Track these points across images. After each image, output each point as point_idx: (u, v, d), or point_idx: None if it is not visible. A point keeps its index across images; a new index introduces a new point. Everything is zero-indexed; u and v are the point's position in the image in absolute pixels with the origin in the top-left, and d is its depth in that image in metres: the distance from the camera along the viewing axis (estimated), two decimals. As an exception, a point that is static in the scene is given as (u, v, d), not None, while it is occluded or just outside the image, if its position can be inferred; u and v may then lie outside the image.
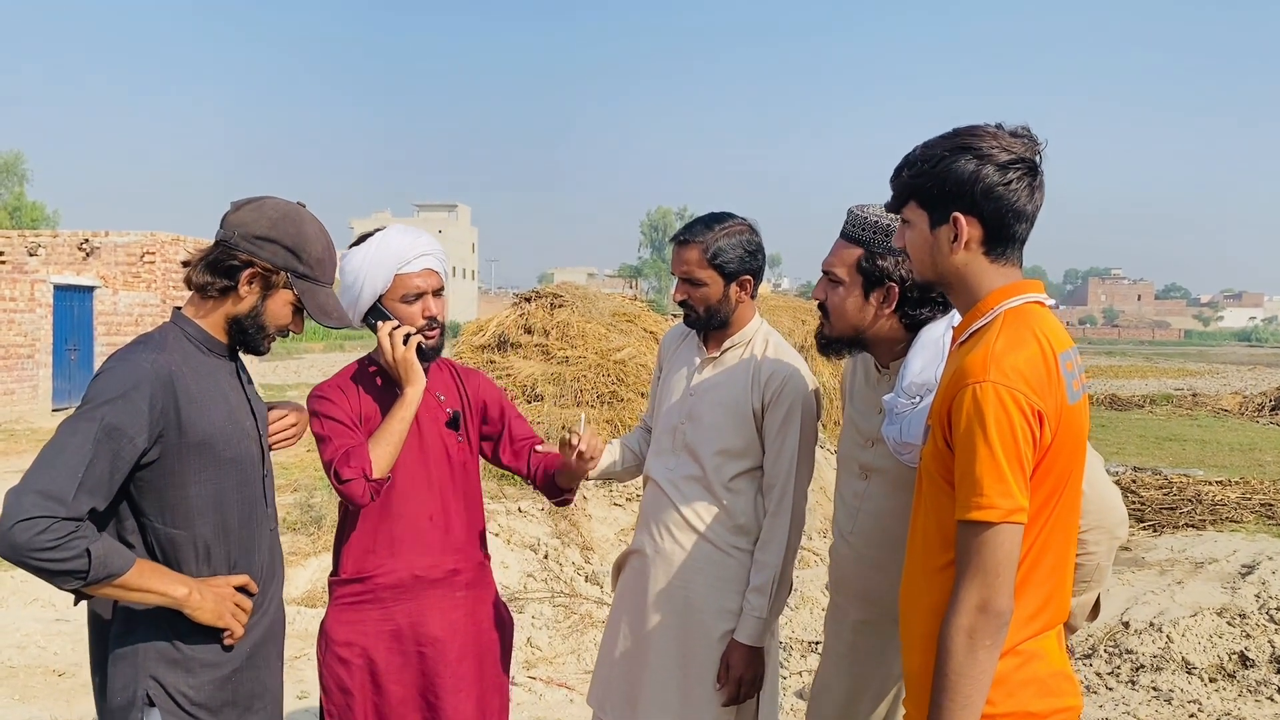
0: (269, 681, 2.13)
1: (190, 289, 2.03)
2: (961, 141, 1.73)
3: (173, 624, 1.94)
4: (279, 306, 2.05)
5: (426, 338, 2.43)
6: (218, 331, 2.05)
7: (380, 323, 2.41)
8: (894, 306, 2.27)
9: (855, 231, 2.29)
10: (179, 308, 2.07)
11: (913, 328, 2.27)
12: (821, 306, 2.37)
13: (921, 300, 2.25)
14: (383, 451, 2.31)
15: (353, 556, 2.44)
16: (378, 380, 2.49)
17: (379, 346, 2.42)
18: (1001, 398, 1.60)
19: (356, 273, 2.42)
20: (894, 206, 1.85)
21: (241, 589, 2.02)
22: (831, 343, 2.38)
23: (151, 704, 1.91)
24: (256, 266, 1.99)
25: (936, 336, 2.17)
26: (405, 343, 2.38)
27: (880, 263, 2.25)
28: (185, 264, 2.05)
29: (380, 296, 2.43)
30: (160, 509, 1.93)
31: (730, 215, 2.64)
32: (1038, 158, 1.74)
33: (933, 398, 2.09)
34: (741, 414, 2.61)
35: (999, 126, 1.74)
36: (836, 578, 2.47)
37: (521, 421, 2.68)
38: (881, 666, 2.34)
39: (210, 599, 1.93)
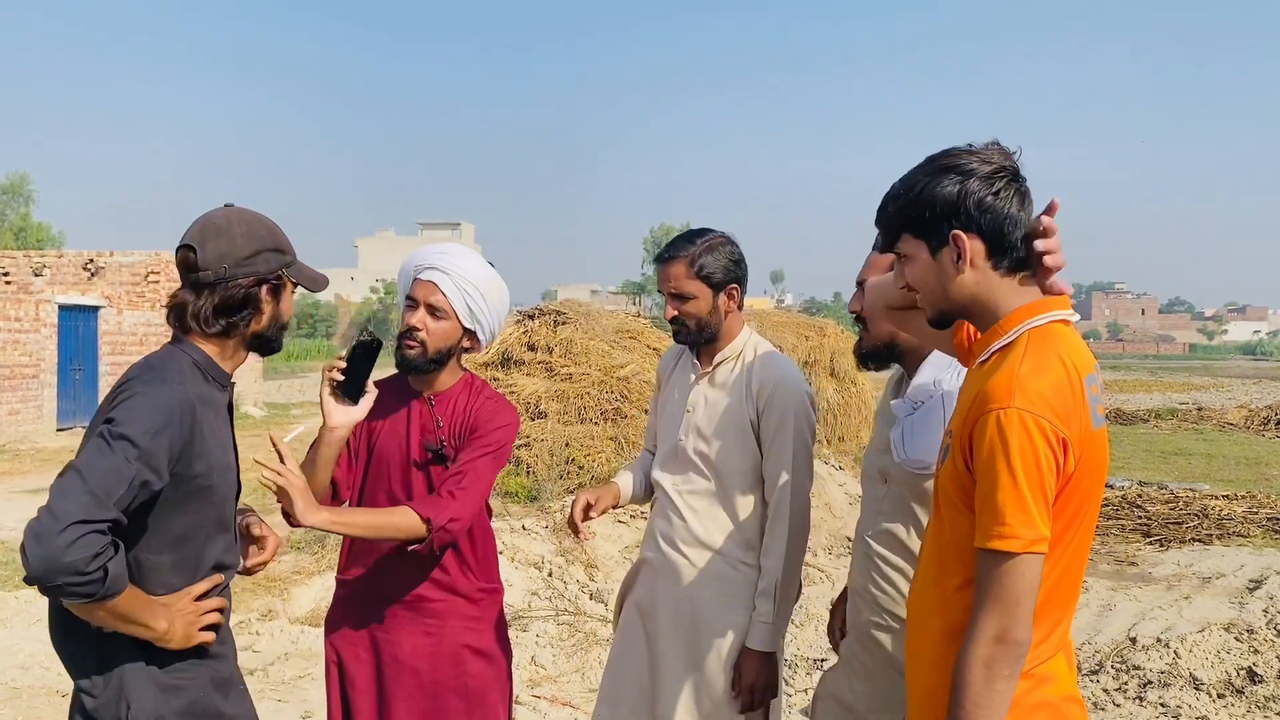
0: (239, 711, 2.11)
1: (210, 336, 2.02)
2: (940, 164, 1.73)
3: (147, 649, 1.93)
4: (289, 302, 2.13)
5: (408, 347, 2.43)
6: (226, 359, 2.07)
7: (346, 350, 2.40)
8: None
9: None
10: (179, 336, 2.05)
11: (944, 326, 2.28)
12: (859, 319, 2.39)
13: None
14: None
15: (343, 562, 2.56)
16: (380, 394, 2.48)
17: None
18: (1026, 424, 1.56)
19: (400, 270, 2.55)
20: (886, 245, 1.84)
21: (209, 593, 2.01)
22: (869, 355, 2.40)
23: None
24: (266, 281, 2.04)
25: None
26: (323, 380, 2.37)
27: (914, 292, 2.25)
28: (181, 318, 2.02)
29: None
30: (139, 532, 1.92)
31: (708, 230, 2.70)
32: (1017, 165, 1.74)
33: (935, 403, 2.13)
34: (740, 427, 2.63)
35: (970, 145, 1.74)
36: (851, 577, 2.48)
37: (465, 462, 2.43)
38: (881, 655, 2.32)
39: (180, 626, 1.93)
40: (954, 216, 1.71)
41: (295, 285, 2.13)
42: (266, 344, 2.12)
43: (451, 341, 2.45)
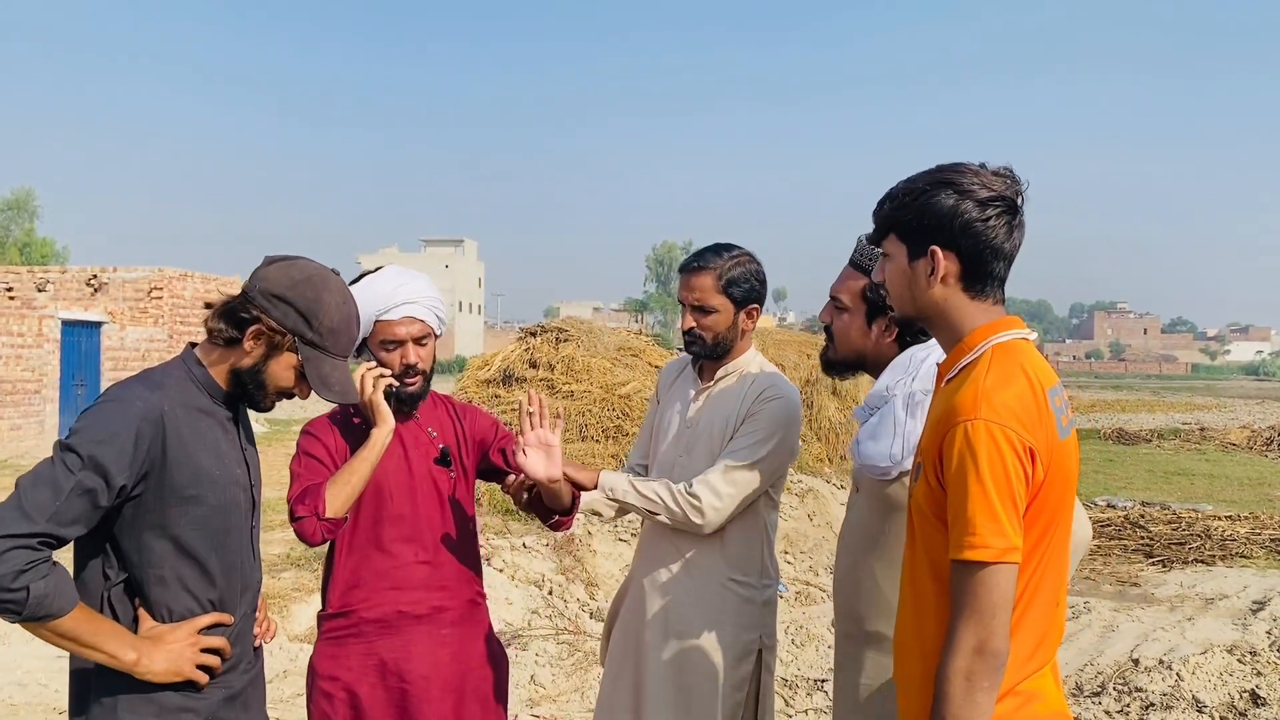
0: None
1: (206, 331, 2.01)
2: (943, 176, 1.74)
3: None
4: (282, 369, 2.01)
5: (405, 384, 2.42)
6: (221, 378, 2.02)
7: (361, 362, 2.42)
8: (894, 336, 2.31)
9: (863, 261, 2.33)
10: (194, 344, 2.05)
11: (907, 330, 2.31)
12: (827, 329, 2.42)
13: (924, 329, 2.27)
14: (338, 491, 2.28)
15: (338, 591, 2.44)
16: (355, 419, 2.48)
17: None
18: (994, 435, 1.58)
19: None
20: (875, 239, 1.87)
21: (213, 628, 1.96)
22: (834, 364, 2.44)
23: None
24: (263, 324, 1.96)
25: (908, 357, 2.25)
26: (375, 386, 2.36)
27: (884, 292, 2.27)
28: (208, 305, 2.03)
29: (365, 339, 2.43)
30: (139, 547, 1.90)
31: (735, 245, 2.69)
32: (1019, 198, 1.75)
33: (888, 408, 2.16)
34: (732, 432, 2.61)
35: (982, 165, 1.76)
36: (833, 585, 2.48)
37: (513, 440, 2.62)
38: (855, 677, 2.29)
39: (161, 659, 1.87)
40: (938, 231, 1.73)
41: (300, 363, 2.01)
42: (243, 387, 2.01)
43: (434, 357, 2.49)
